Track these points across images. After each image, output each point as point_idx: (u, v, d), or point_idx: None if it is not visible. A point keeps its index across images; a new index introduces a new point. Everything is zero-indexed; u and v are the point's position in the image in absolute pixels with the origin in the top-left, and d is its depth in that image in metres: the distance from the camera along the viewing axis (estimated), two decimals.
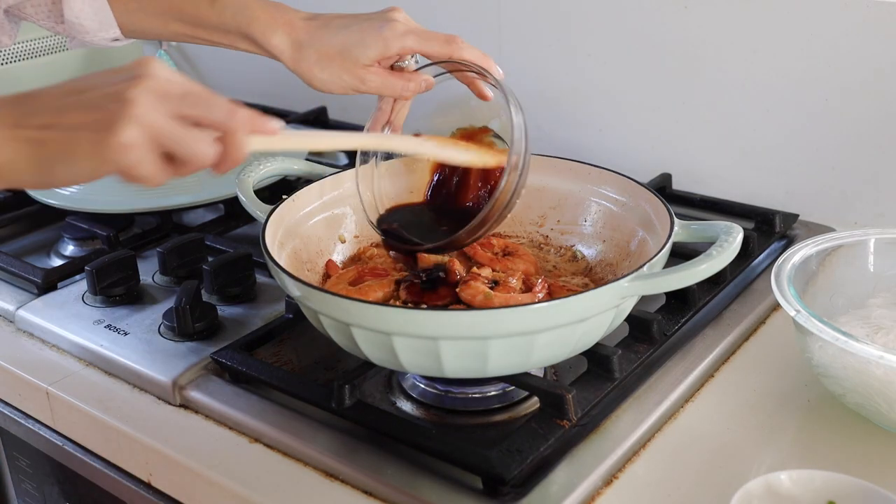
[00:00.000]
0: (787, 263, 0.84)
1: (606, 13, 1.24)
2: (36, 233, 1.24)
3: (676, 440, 0.78)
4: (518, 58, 1.34)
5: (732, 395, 0.84)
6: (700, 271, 0.73)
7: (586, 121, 1.31)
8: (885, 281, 0.88)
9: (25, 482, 1.01)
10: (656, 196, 0.87)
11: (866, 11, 1.05)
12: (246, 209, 0.91)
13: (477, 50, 0.87)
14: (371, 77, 0.87)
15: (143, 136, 0.60)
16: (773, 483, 0.66)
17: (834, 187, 1.14)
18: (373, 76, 0.87)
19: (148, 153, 0.61)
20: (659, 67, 1.22)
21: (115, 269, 1.01)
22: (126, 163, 0.60)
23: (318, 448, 0.77)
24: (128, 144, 0.59)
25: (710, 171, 1.23)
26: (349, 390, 0.79)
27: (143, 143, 0.60)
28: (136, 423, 0.84)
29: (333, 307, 0.75)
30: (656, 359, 0.87)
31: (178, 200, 1.16)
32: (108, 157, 0.60)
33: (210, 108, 0.63)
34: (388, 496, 0.72)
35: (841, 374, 0.76)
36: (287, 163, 0.99)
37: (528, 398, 0.84)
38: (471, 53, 0.86)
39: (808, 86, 1.12)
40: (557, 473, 0.73)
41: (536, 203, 0.99)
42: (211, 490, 0.77)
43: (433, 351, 0.73)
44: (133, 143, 0.60)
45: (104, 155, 0.60)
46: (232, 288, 0.99)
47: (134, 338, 0.93)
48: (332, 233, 0.96)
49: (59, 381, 0.90)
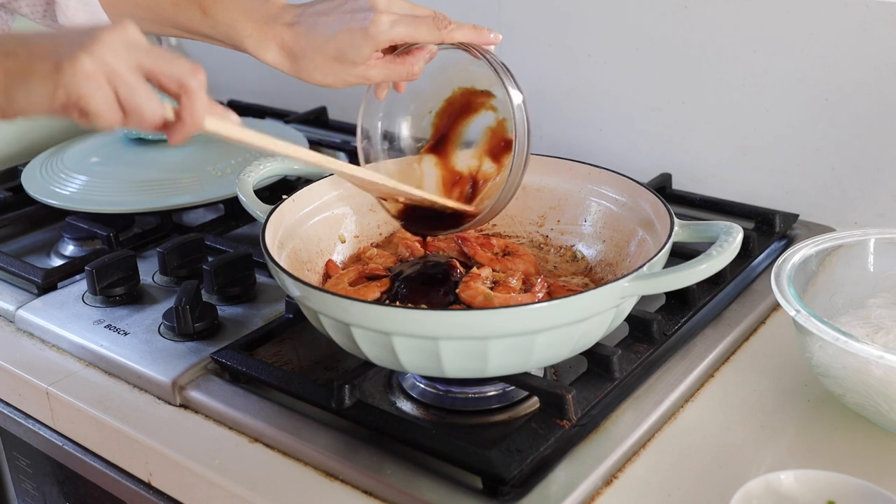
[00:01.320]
0: (787, 263, 0.84)
1: (606, 13, 1.24)
2: (36, 233, 1.23)
3: (676, 440, 0.78)
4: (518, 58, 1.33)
5: (732, 395, 0.84)
6: (700, 271, 0.73)
7: (586, 121, 1.31)
8: (885, 281, 0.88)
9: (25, 482, 1.01)
10: (656, 196, 0.87)
11: (866, 11, 1.05)
12: (246, 209, 0.91)
13: (467, 27, 0.85)
14: (374, 72, 0.86)
15: (98, 71, 0.62)
16: (773, 483, 0.66)
17: (834, 187, 1.14)
18: (375, 70, 0.86)
19: (101, 88, 0.63)
20: (659, 67, 1.22)
21: (115, 269, 1.01)
22: (78, 91, 0.62)
23: (318, 448, 0.77)
24: (83, 72, 0.62)
25: (710, 171, 1.23)
26: (349, 390, 0.79)
27: (98, 76, 0.62)
28: (136, 423, 0.84)
29: (333, 307, 0.75)
30: (656, 359, 0.87)
31: (178, 200, 1.16)
32: (62, 82, 0.62)
33: (172, 65, 0.66)
34: (388, 496, 0.72)
35: (841, 373, 0.76)
36: (287, 163, 0.99)
37: (528, 398, 0.84)
38: (462, 33, 0.85)
39: (808, 86, 1.12)
40: (557, 473, 0.73)
41: (536, 203, 0.99)
42: (211, 490, 0.77)
43: (433, 351, 0.73)
44: (88, 72, 0.62)
45: (58, 79, 0.62)
46: (232, 288, 0.99)
47: (134, 338, 0.93)
48: (332, 233, 0.96)
49: (59, 381, 0.90)
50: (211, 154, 1.26)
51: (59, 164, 1.25)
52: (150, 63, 0.65)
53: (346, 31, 0.83)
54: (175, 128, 0.68)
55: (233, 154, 1.26)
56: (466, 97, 0.93)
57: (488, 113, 0.93)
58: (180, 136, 0.68)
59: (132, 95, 0.64)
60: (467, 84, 0.92)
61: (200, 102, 0.67)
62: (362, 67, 0.85)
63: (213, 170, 1.21)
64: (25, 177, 1.25)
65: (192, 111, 0.67)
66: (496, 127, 0.93)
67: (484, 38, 0.85)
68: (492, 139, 0.93)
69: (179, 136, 0.68)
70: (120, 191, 1.18)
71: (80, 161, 1.25)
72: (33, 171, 1.26)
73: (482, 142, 0.94)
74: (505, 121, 0.92)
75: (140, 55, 0.65)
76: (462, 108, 0.94)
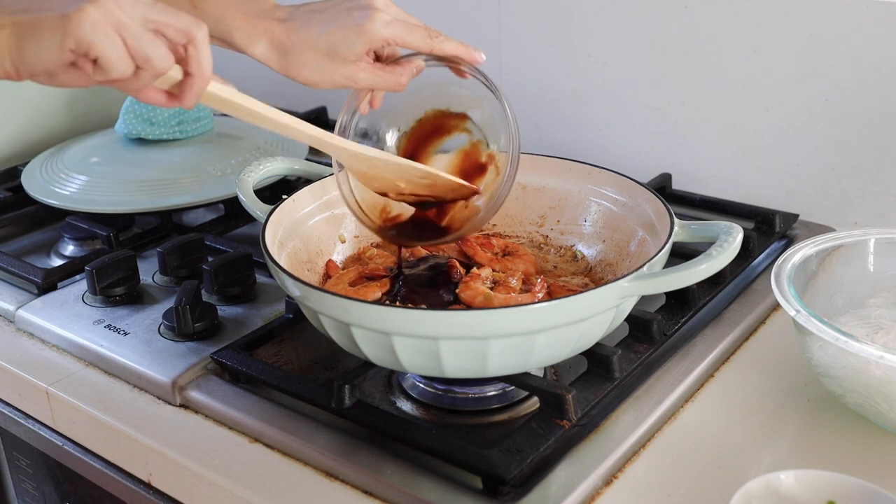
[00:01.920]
0: (787, 263, 0.84)
1: (606, 13, 1.24)
2: (36, 233, 1.24)
3: (676, 440, 0.78)
4: (518, 58, 1.34)
5: (732, 395, 0.84)
6: (700, 271, 0.73)
7: (586, 121, 1.31)
8: (885, 281, 0.88)
9: (25, 482, 1.02)
10: (656, 196, 0.87)
11: (866, 11, 1.05)
12: (246, 209, 0.91)
13: (455, 42, 0.86)
14: (362, 75, 0.85)
15: (106, 20, 0.64)
16: (773, 483, 0.66)
17: (834, 187, 1.14)
18: (364, 74, 0.85)
19: (110, 37, 0.64)
20: (659, 67, 1.22)
21: (115, 269, 1.01)
22: (88, 39, 0.63)
23: (318, 448, 0.77)
24: (91, 20, 0.63)
25: (710, 171, 1.23)
26: (349, 390, 0.79)
27: (105, 25, 0.64)
28: (135, 423, 0.84)
29: (333, 307, 0.75)
30: (656, 359, 0.87)
31: (178, 200, 1.16)
32: (71, 31, 0.63)
33: (177, 18, 0.67)
34: (388, 496, 0.72)
35: (841, 374, 0.76)
36: (287, 163, 0.99)
37: (528, 398, 0.84)
38: (451, 47, 0.85)
39: (808, 85, 1.12)
40: (557, 473, 0.73)
41: (536, 203, 0.99)
42: (211, 490, 0.77)
43: (433, 351, 0.73)
44: (96, 20, 0.63)
45: (67, 28, 0.63)
46: (232, 288, 0.99)
47: (134, 338, 0.93)
48: (332, 233, 0.96)
49: (59, 381, 0.90)
50: (211, 154, 1.26)
51: (59, 164, 1.25)
52: (154, 16, 0.66)
53: (341, 28, 0.83)
54: (186, 85, 0.69)
55: (233, 154, 1.26)
56: (439, 119, 0.92)
57: (461, 135, 0.93)
58: (192, 93, 0.69)
59: (140, 44, 0.65)
60: (442, 106, 0.92)
61: (206, 53, 0.68)
62: (352, 68, 0.84)
63: (213, 170, 1.21)
64: (25, 177, 1.25)
65: (200, 62, 0.68)
66: (469, 149, 0.92)
67: (471, 55, 0.86)
68: (464, 161, 0.93)
69: (191, 94, 0.69)
70: (120, 191, 1.18)
71: (80, 161, 1.25)
72: (33, 171, 1.26)
73: (454, 163, 0.93)
74: (479, 143, 0.91)
75: (144, 9, 0.66)
76: (433, 131, 0.93)
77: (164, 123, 1.27)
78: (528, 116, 1.35)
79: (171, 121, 1.27)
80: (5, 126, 1.39)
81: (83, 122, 1.46)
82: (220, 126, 1.35)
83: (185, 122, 1.28)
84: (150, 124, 1.27)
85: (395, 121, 0.94)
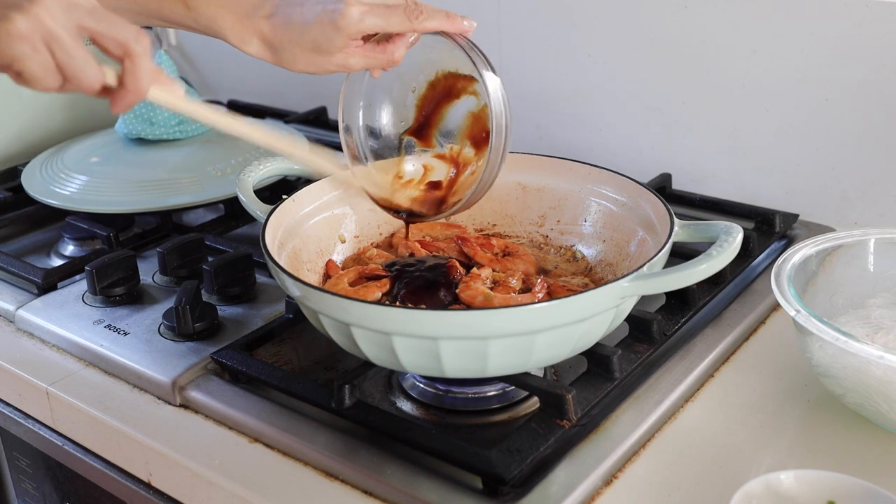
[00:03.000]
0: (787, 263, 0.84)
1: (606, 13, 1.24)
2: (36, 233, 1.24)
3: (676, 440, 0.78)
4: (518, 58, 1.34)
5: (732, 395, 0.84)
6: (700, 271, 0.73)
7: (586, 121, 1.31)
8: (885, 281, 0.88)
9: (25, 482, 1.02)
10: (656, 196, 0.87)
11: (866, 11, 1.05)
12: (246, 209, 0.91)
13: (440, 15, 0.83)
14: (353, 60, 0.84)
15: (34, 32, 0.60)
16: (773, 483, 0.66)
17: (834, 187, 1.14)
18: (355, 59, 0.84)
19: (38, 51, 0.61)
20: (659, 67, 1.22)
21: (115, 269, 1.01)
22: (13, 52, 0.61)
23: (318, 448, 0.77)
24: (17, 34, 0.60)
25: (710, 171, 1.23)
26: (349, 390, 0.79)
27: (33, 38, 0.60)
28: (135, 423, 0.84)
29: (333, 307, 0.75)
30: (656, 359, 0.87)
31: (178, 200, 1.16)
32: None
33: (116, 28, 0.63)
34: (388, 496, 0.72)
35: (841, 374, 0.76)
36: (287, 163, 0.99)
37: (528, 398, 0.84)
38: (435, 22, 0.83)
39: (808, 85, 1.12)
40: (557, 473, 0.73)
41: (536, 203, 0.99)
42: (211, 490, 0.77)
43: (433, 351, 0.73)
44: (22, 33, 0.60)
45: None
46: (232, 288, 0.99)
47: (134, 338, 0.93)
48: (332, 233, 0.96)
49: (59, 381, 0.90)
50: (211, 154, 1.26)
51: (59, 164, 1.25)
52: (92, 24, 0.63)
53: (318, 24, 0.82)
54: (117, 95, 0.66)
55: (233, 154, 1.26)
56: (450, 81, 0.92)
57: (471, 98, 0.92)
58: (123, 103, 0.66)
59: (70, 61, 0.62)
60: (451, 67, 0.91)
61: (144, 68, 0.65)
62: (341, 56, 0.84)
63: (213, 170, 1.21)
64: (25, 177, 1.25)
65: (136, 77, 0.65)
66: (478, 112, 0.92)
67: (457, 26, 0.84)
68: (473, 125, 0.93)
69: (122, 104, 0.66)
70: (120, 191, 1.18)
71: (80, 161, 1.25)
72: (33, 171, 1.26)
73: (464, 126, 0.93)
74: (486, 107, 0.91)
75: (81, 16, 0.62)
76: (445, 92, 0.93)
77: (164, 123, 1.27)
78: (528, 116, 1.36)
79: (171, 121, 1.27)
80: (5, 126, 1.39)
81: (83, 122, 1.46)
82: None
83: (185, 122, 1.28)
84: (150, 124, 1.27)
85: (407, 85, 0.94)
